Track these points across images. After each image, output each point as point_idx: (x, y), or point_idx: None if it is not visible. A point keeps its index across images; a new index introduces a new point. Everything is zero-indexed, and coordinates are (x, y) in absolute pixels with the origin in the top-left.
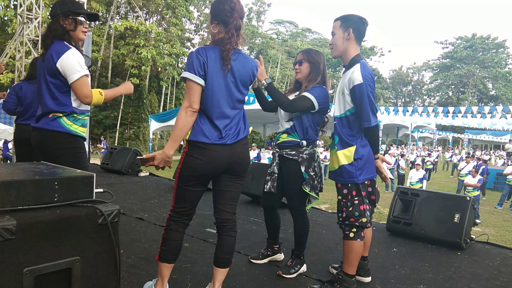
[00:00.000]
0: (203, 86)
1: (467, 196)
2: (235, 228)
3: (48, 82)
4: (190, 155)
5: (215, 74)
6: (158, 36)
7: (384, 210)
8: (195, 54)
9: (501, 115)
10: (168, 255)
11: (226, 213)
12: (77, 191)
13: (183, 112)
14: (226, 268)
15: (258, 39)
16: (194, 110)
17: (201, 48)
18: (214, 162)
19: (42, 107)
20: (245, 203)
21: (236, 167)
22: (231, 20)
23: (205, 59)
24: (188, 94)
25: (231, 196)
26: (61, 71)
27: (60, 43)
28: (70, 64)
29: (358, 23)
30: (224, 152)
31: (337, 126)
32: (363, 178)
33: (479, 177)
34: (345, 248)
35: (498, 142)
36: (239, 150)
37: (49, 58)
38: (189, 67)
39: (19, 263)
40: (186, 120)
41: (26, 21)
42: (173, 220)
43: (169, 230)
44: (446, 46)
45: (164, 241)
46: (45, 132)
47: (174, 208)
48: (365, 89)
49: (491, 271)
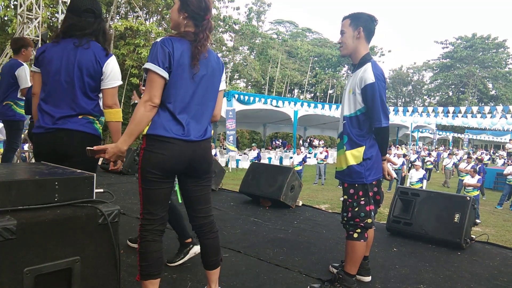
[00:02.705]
0: (166, 79)
1: (467, 196)
2: (214, 229)
3: (85, 82)
4: (149, 150)
5: (181, 67)
6: (158, 36)
7: (384, 210)
8: (160, 44)
9: (501, 115)
10: (150, 269)
11: (199, 218)
12: (77, 191)
13: (142, 106)
14: (217, 268)
15: (258, 39)
16: (154, 104)
17: (166, 38)
18: (174, 156)
19: (73, 107)
20: (245, 203)
21: (197, 167)
22: (205, 22)
23: (171, 50)
24: (149, 87)
25: (201, 200)
26: (103, 75)
27: (99, 46)
28: (116, 70)
29: (368, 21)
30: (186, 149)
31: (347, 126)
32: (372, 178)
33: (478, 177)
34: (348, 248)
35: (498, 142)
36: (202, 148)
37: (92, 59)
38: (153, 57)
39: (19, 263)
40: (144, 115)
41: (26, 21)
42: (146, 230)
43: (145, 243)
44: (446, 46)
45: (142, 256)
46: (81, 135)
47: (144, 216)
48: (377, 88)
49: (491, 271)
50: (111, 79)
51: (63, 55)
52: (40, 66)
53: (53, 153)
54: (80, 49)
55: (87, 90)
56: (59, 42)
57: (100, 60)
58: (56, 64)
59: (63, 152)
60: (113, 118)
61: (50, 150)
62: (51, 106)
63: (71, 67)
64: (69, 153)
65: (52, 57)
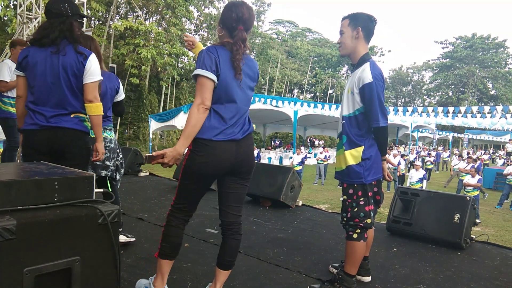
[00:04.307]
0: (215, 81)
1: (467, 196)
2: (240, 231)
3: (72, 82)
4: (195, 152)
5: (228, 72)
6: (158, 36)
7: (384, 210)
8: (206, 52)
9: (501, 115)
10: (168, 251)
11: (231, 215)
12: (77, 191)
13: (196, 109)
14: (229, 270)
15: (258, 39)
16: (206, 107)
17: (211, 46)
18: (219, 162)
19: (65, 106)
20: (245, 203)
21: (241, 168)
22: (236, 32)
23: (217, 56)
24: (199, 91)
25: (236, 198)
26: (84, 71)
27: (80, 47)
28: (95, 66)
29: (367, 21)
30: (230, 151)
31: (346, 126)
32: (371, 178)
33: (478, 177)
34: (348, 248)
35: (498, 142)
36: (244, 149)
37: (75, 59)
38: (200, 64)
39: (19, 263)
40: (198, 117)
41: (26, 21)
42: (173, 216)
43: (169, 226)
44: (446, 46)
45: (164, 237)
46: (74, 133)
47: (175, 204)
48: (375, 88)
49: (491, 271)
50: (90, 74)
51: (46, 58)
52: (24, 70)
53: (48, 149)
54: (61, 53)
55: (74, 89)
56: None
57: (81, 59)
58: (41, 67)
59: (58, 148)
60: (93, 112)
61: (45, 147)
62: (41, 106)
63: (56, 69)
64: (65, 150)
65: (36, 61)
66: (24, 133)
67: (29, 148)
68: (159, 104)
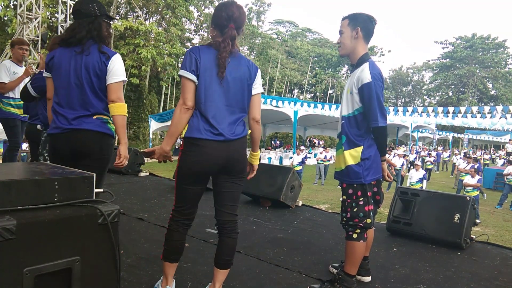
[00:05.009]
0: (195, 82)
1: (467, 196)
2: (236, 230)
3: (94, 83)
4: (186, 152)
5: (208, 71)
6: (158, 36)
7: (384, 210)
8: (188, 52)
9: (501, 115)
10: (169, 254)
11: (226, 214)
12: (77, 191)
13: (178, 109)
14: (227, 269)
15: (258, 39)
16: (188, 107)
17: (194, 47)
18: (209, 159)
19: (87, 107)
20: (245, 203)
21: (234, 167)
22: (227, 30)
23: (198, 56)
24: (182, 91)
25: (230, 197)
26: (107, 72)
27: (105, 47)
28: (118, 66)
29: (366, 21)
30: (221, 149)
31: (345, 126)
32: (370, 178)
33: (478, 177)
34: (347, 248)
35: (498, 142)
36: (236, 148)
37: (97, 59)
38: (183, 65)
39: (19, 263)
40: (180, 117)
41: (26, 21)
42: (173, 220)
43: (170, 231)
44: (446, 46)
45: (166, 241)
46: (95, 135)
47: (175, 208)
48: (374, 88)
49: (491, 271)
50: (113, 74)
51: (71, 58)
52: (51, 72)
53: (70, 152)
54: (85, 53)
55: (97, 90)
56: (66, 47)
57: (104, 60)
58: (65, 68)
59: (80, 151)
60: (116, 111)
61: (67, 150)
62: (65, 108)
63: (79, 69)
64: (86, 152)
65: (61, 62)
66: (49, 137)
67: (51, 153)
68: (159, 104)
